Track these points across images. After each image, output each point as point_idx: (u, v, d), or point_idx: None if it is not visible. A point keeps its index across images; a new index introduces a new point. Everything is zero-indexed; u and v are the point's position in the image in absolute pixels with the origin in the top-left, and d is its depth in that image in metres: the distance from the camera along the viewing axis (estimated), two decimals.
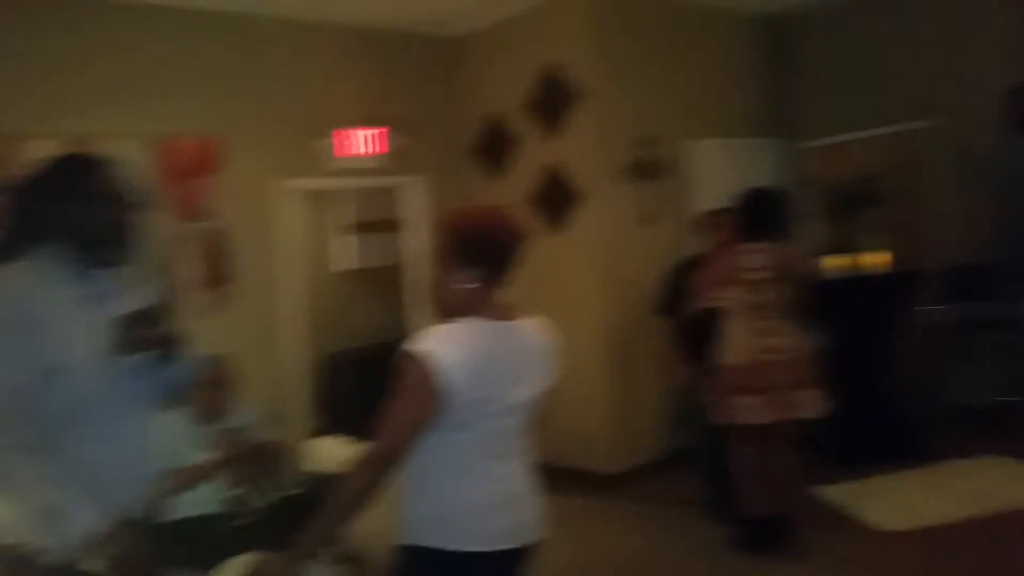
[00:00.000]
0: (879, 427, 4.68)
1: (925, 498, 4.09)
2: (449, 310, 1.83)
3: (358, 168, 5.17)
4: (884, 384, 4.80)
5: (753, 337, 3.61)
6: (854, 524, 3.92)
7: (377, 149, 5.18)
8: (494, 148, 5.46)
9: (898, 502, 4.07)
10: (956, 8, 5.36)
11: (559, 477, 4.68)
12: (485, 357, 1.77)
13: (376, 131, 5.16)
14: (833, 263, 5.19)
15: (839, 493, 4.24)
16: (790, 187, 5.60)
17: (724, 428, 3.71)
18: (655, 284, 4.37)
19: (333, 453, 4.56)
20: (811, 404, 3.63)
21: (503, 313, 1.86)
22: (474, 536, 1.81)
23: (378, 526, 2.06)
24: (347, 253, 6.58)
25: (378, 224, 6.35)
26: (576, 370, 4.91)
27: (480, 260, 1.81)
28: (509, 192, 5.22)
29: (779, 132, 6.01)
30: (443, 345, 1.73)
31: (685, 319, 3.95)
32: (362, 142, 5.12)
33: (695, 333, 3.88)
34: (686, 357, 4.03)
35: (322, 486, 2.45)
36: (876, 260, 5.12)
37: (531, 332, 1.93)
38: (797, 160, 6.02)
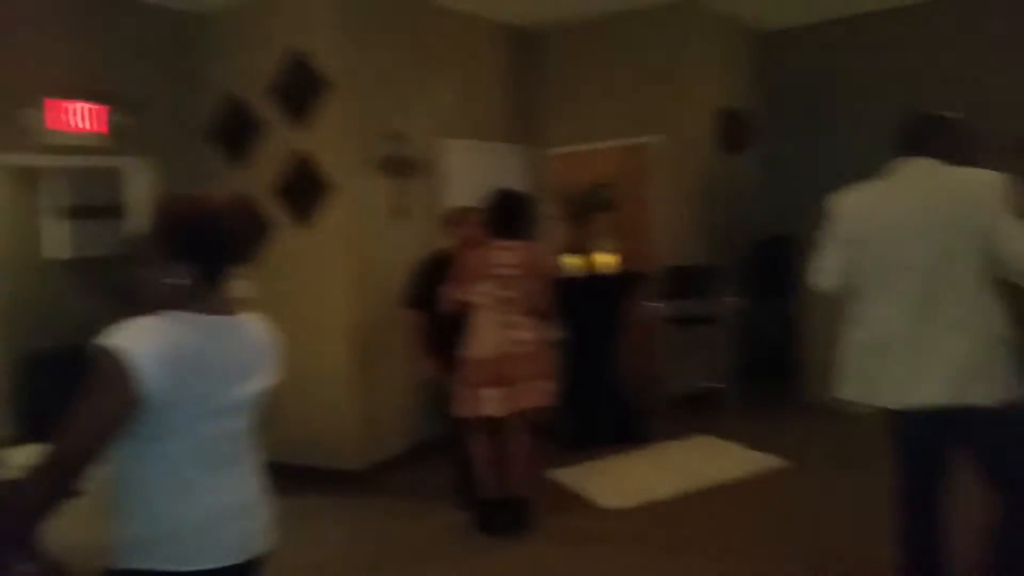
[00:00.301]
0: (607, 413, 5.07)
1: (646, 477, 4.47)
2: (157, 304, 1.64)
3: (74, 145, 4.59)
4: (611, 374, 5.20)
5: (499, 331, 3.76)
6: (584, 503, 4.18)
7: (97, 125, 4.64)
8: (236, 133, 5.13)
9: (623, 482, 4.41)
10: (668, 35, 5.95)
11: (304, 477, 4.53)
12: (192, 353, 1.60)
13: (96, 105, 4.62)
14: (569, 263, 5.53)
15: (571, 475, 4.51)
16: (534, 190, 5.88)
17: (466, 418, 3.84)
18: (405, 279, 4.36)
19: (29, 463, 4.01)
20: (547, 394, 3.87)
21: (220, 308, 1.71)
22: (195, 554, 1.64)
23: (82, 545, 1.82)
24: (60, 240, 5.84)
25: (98, 209, 5.70)
26: (323, 366, 4.77)
27: (195, 253, 1.63)
28: (253, 181, 4.93)
29: (526, 138, 6.29)
30: (140, 339, 1.53)
31: (434, 313, 3.99)
32: (79, 116, 4.56)
33: (444, 327, 3.94)
34: (434, 350, 4.08)
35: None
36: (606, 261, 5.53)
37: (251, 328, 1.78)
38: (541, 165, 6.34)
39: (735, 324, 5.45)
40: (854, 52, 6.50)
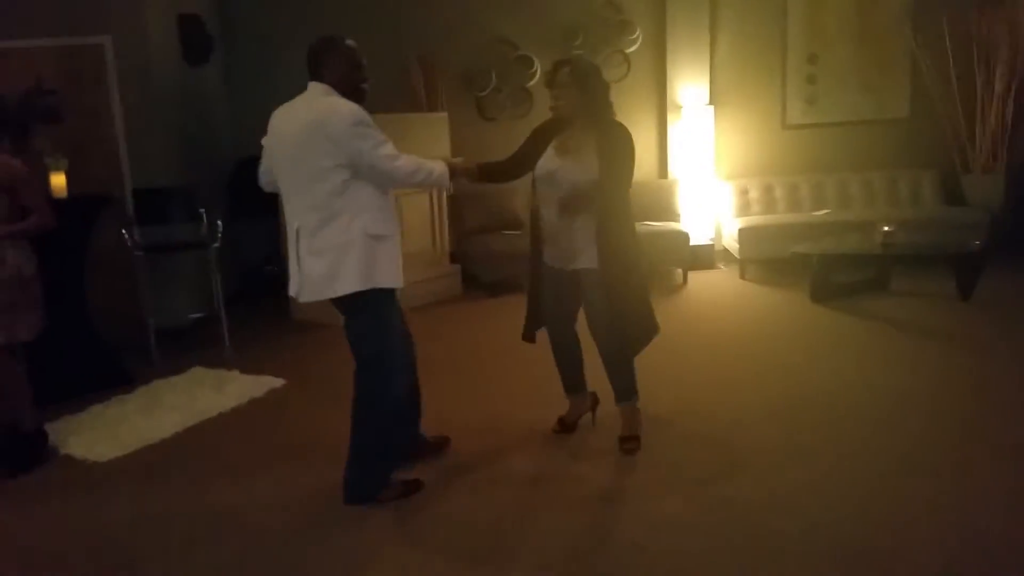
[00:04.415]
0: (83, 357, 4.35)
1: (137, 422, 3.95)
2: None
3: None
4: (81, 313, 4.43)
5: None
6: (70, 460, 3.56)
7: None
8: None
9: (110, 431, 3.83)
10: None
11: None
12: None
13: None
14: None
15: (52, 431, 3.76)
16: None
17: None
18: None
19: None
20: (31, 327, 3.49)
21: None
22: None
23: None
24: None
25: None
26: None
27: None
28: None
29: None
30: None
31: None
32: None
33: None
34: None
35: None
36: (56, 182, 4.60)
37: None
38: None
39: (219, 249, 5.10)
40: None
